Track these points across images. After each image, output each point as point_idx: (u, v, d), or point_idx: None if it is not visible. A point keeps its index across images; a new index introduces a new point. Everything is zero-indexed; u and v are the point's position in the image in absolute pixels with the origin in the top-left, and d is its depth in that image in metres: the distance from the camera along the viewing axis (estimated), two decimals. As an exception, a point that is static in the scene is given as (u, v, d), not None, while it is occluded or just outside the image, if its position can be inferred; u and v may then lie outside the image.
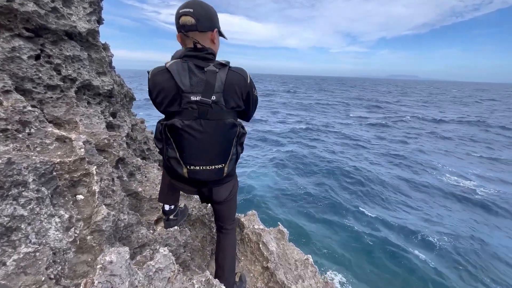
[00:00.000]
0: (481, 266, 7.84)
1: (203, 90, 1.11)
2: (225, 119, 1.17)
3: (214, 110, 1.13)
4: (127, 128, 2.60)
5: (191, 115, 1.12)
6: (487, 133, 25.46)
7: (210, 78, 1.12)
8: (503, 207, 10.98)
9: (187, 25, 1.12)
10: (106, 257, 0.75)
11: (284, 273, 1.84)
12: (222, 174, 1.26)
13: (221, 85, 1.13)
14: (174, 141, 1.18)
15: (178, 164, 1.21)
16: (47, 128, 1.46)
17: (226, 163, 1.25)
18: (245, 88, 1.22)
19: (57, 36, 1.85)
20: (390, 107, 44.05)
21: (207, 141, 1.16)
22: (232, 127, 1.20)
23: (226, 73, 1.15)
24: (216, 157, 1.22)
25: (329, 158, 16.73)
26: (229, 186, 1.42)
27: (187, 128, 1.13)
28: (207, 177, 1.24)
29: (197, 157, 1.19)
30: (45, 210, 1.02)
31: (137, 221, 1.52)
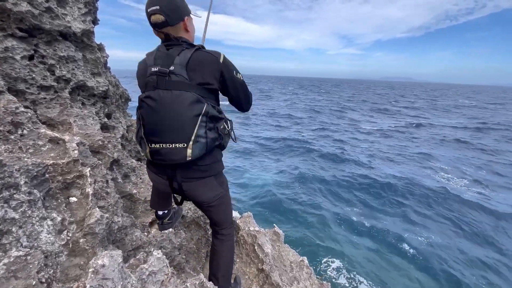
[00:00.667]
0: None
1: (163, 63, 1.14)
2: (185, 92, 1.12)
3: (172, 80, 1.11)
4: (122, 129, 2.58)
5: (151, 86, 1.14)
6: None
7: (172, 52, 1.15)
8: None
9: (158, 23, 1.15)
10: (98, 260, 0.74)
11: (279, 275, 1.84)
12: (185, 156, 1.14)
13: (183, 59, 1.13)
14: (140, 117, 1.18)
15: (144, 143, 1.19)
16: (40, 130, 1.44)
17: (189, 144, 1.13)
18: (217, 66, 1.18)
19: (51, 36, 1.83)
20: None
21: (165, 113, 1.12)
22: (195, 102, 1.12)
23: (193, 51, 1.15)
24: (176, 134, 1.13)
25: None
26: (208, 188, 1.31)
27: (146, 100, 1.14)
28: (165, 157, 1.15)
29: (157, 132, 1.14)
30: (37, 213, 1.01)
31: (131, 223, 1.50)
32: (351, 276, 7.60)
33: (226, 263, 1.52)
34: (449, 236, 9.32)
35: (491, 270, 7.81)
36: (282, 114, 35.21)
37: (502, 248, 8.74)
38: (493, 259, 8.24)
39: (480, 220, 10.47)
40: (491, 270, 7.81)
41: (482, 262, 8.10)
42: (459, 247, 8.74)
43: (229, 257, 1.55)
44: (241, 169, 15.10)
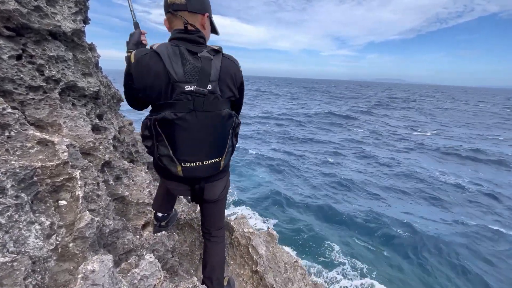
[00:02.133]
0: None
1: (198, 79, 1.01)
2: (221, 110, 1.08)
3: (210, 100, 1.03)
4: (114, 130, 2.54)
5: (186, 107, 1.01)
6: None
7: (206, 65, 1.02)
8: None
9: (176, 3, 1.04)
10: (88, 266, 0.73)
11: (273, 276, 1.84)
12: (218, 168, 1.18)
13: (216, 73, 1.04)
14: (166, 137, 1.05)
15: (171, 162, 1.10)
16: (28, 131, 1.40)
17: (223, 157, 1.16)
18: (239, 77, 1.16)
19: (40, 35, 1.79)
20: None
21: (203, 135, 1.07)
22: (228, 118, 1.12)
23: (221, 60, 1.08)
24: (213, 151, 1.13)
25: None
26: (222, 182, 1.34)
27: (180, 122, 1.02)
28: (204, 174, 1.15)
29: (193, 153, 1.09)
30: (24, 217, 0.98)
31: (123, 226, 1.48)
32: (348, 276, 7.67)
33: (219, 266, 1.52)
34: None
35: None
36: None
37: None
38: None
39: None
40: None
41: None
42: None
43: (222, 259, 1.56)
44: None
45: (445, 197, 12.11)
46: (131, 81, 1.05)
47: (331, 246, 8.81)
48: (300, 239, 9.10)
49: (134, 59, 1.02)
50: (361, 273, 7.73)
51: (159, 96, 1.02)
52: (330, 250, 8.64)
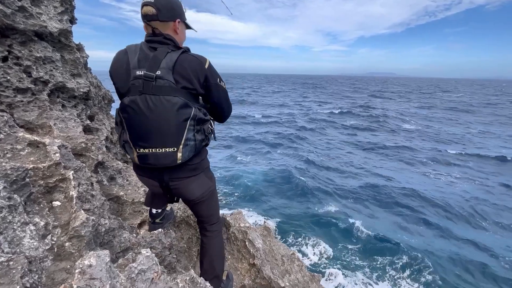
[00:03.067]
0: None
1: (148, 65, 1.10)
2: (172, 96, 1.11)
3: (159, 84, 1.09)
4: (107, 131, 2.53)
5: (136, 90, 1.10)
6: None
7: (159, 55, 1.12)
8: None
9: (148, 15, 1.15)
10: (85, 261, 0.74)
11: (270, 268, 1.88)
12: (175, 160, 1.16)
13: (170, 62, 1.11)
14: (125, 122, 1.15)
15: (130, 148, 1.18)
16: (18, 133, 1.39)
17: (179, 148, 1.15)
18: (201, 71, 1.17)
19: (26, 36, 1.76)
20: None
21: (153, 118, 1.10)
22: (182, 107, 1.12)
23: (179, 54, 1.14)
24: (165, 139, 1.13)
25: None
26: (198, 183, 1.33)
27: (132, 104, 1.11)
28: (156, 162, 1.16)
29: (145, 137, 1.13)
30: (18, 218, 0.98)
31: (119, 225, 1.49)
32: (343, 268, 7.80)
33: (217, 260, 1.54)
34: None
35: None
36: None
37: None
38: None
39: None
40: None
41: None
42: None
43: (220, 253, 1.57)
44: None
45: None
46: (111, 77, 1.20)
47: (328, 239, 8.94)
48: (296, 232, 9.21)
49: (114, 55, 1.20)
50: (355, 267, 7.88)
51: (123, 84, 1.15)
52: (327, 242, 8.77)
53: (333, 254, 8.28)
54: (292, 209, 10.67)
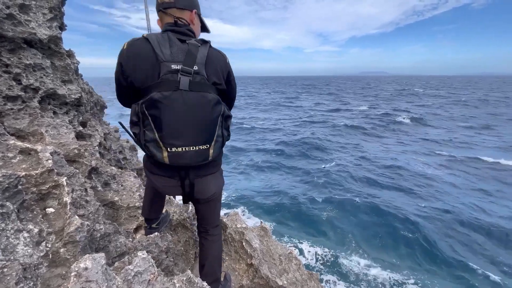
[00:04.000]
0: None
1: (184, 59, 1.04)
2: (207, 93, 1.08)
3: (196, 81, 1.05)
4: (99, 137, 2.51)
5: (172, 85, 1.02)
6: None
7: (192, 49, 1.07)
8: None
9: (165, 1, 1.13)
10: (80, 264, 0.74)
11: (268, 268, 1.88)
12: (207, 157, 1.14)
13: (203, 57, 1.08)
14: (152, 119, 1.04)
15: (157, 147, 1.07)
16: (9, 141, 1.38)
17: (211, 145, 1.13)
18: (226, 67, 1.19)
19: (15, 44, 1.75)
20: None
21: (190, 115, 1.05)
22: (216, 103, 1.11)
23: (208, 48, 1.12)
24: (200, 136, 1.09)
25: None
26: (215, 180, 1.32)
27: (166, 101, 1.01)
28: (190, 161, 1.11)
29: (179, 135, 1.06)
30: (11, 226, 0.97)
31: (114, 230, 1.48)
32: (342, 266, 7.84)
33: (217, 263, 1.52)
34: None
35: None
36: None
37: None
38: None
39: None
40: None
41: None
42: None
43: (219, 256, 1.56)
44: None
45: None
46: (121, 69, 1.08)
47: (326, 238, 8.98)
48: (293, 232, 9.23)
49: (126, 46, 1.06)
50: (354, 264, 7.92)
51: (146, 77, 1.05)
52: (326, 241, 8.80)
53: (331, 257, 8.31)
54: (290, 212, 10.69)
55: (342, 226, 9.66)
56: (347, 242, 8.83)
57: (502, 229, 8.84)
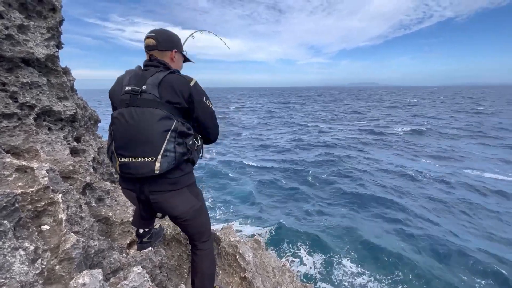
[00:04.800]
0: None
1: (136, 82, 1.24)
2: (155, 108, 1.19)
3: (144, 97, 1.20)
4: (93, 152, 2.53)
5: (124, 103, 1.22)
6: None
7: (147, 73, 1.26)
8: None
9: (149, 45, 1.35)
10: (79, 279, 0.77)
11: (261, 281, 1.90)
12: (153, 170, 1.17)
13: (156, 80, 1.23)
14: (111, 133, 1.26)
15: (113, 156, 1.26)
16: (5, 159, 1.40)
17: (157, 158, 1.17)
18: (186, 88, 1.26)
19: (12, 63, 1.80)
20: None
21: (135, 128, 1.18)
22: (164, 118, 1.18)
23: (167, 73, 1.26)
24: (145, 148, 1.17)
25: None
26: (182, 200, 1.33)
27: (119, 116, 1.22)
28: (135, 171, 1.19)
29: (127, 146, 1.20)
30: (8, 244, 0.99)
31: (108, 246, 1.49)
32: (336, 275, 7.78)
33: (208, 277, 1.54)
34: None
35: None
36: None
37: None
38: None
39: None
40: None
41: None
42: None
43: (211, 271, 1.56)
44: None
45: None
46: (110, 96, 1.34)
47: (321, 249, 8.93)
48: (286, 244, 9.16)
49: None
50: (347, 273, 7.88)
51: (116, 102, 1.30)
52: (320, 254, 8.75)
53: (327, 264, 8.26)
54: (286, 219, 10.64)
55: (339, 235, 9.65)
56: (344, 250, 8.81)
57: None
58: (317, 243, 9.22)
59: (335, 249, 8.91)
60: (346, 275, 7.81)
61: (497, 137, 24.49)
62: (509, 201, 11.81)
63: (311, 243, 9.23)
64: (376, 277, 7.68)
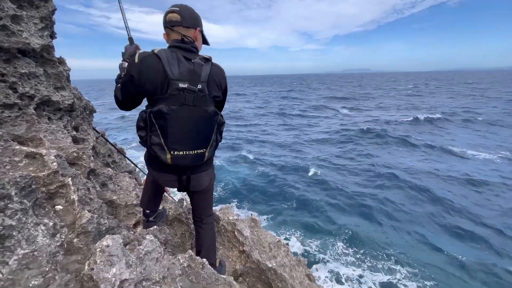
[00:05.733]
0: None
1: (190, 79, 1.21)
2: (208, 107, 1.28)
3: (199, 97, 1.24)
4: (92, 141, 2.60)
5: (178, 101, 1.20)
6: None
7: (197, 68, 1.24)
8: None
9: (173, 20, 1.28)
10: (103, 242, 0.89)
11: (259, 253, 2.08)
12: (203, 159, 1.34)
13: (206, 75, 1.26)
14: (159, 127, 1.22)
15: (161, 150, 1.25)
16: (14, 146, 1.48)
17: (207, 148, 1.33)
18: (224, 81, 1.39)
19: (10, 54, 1.83)
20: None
21: (191, 127, 1.25)
22: (214, 115, 1.31)
23: (210, 66, 1.30)
24: (198, 143, 1.29)
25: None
26: (208, 174, 1.51)
27: (173, 113, 1.20)
28: (189, 162, 1.30)
29: (181, 142, 1.25)
30: (30, 220, 1.10)
31: (117, 224, 1.62)
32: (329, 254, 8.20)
33: (212, 249, 1.71)
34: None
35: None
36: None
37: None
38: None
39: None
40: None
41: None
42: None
43: (213, 244, 1.74)
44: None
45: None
46: (131, 79, 1.22)
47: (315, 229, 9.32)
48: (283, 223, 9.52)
49: (138, 59, 1.21)
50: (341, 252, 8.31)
51: (155, 91, 1.20)
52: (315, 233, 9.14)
53: (319, 247, 8.65)
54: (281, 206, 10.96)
55: (333, 218, 10.05)
56: (337, 234, 9.21)
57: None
58: (311, 228, 9.59)
59: (331, 232, 9.30)
60: (338, 256, 8.23)
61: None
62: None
63: (305, 227, 9.60)
64: (368, 256, 8.13)
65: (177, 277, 1.04)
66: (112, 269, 0.84)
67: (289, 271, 2.22)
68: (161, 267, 1.03)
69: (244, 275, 1.99)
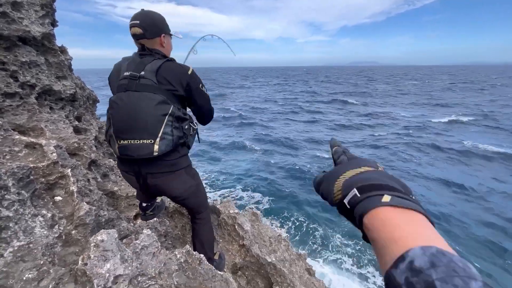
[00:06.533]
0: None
1: (135, 68, 1.27)
2: (155, 94, 1.23)
3: (142, 82, 1.24)
4: (95, 131, 2.60)
5: (122, 88, 1.27)
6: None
7: (145, 60, 1.29)
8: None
9: (136, 34, 1.31)
10: (97, 236, 0.88)
11: (259, 247, 2.07)
12: (152, 152, 1.22)
13: (154, 67, 1.26)
14: (109, 117, 1.29)
15: (112, 139, 1.28)
16: (14, 136, 1.47)
17: (156, 140, 1.22)
18: (184, 77, 1.31)
19: (10, 42, 1.80)
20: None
21: (134, 112, 1.22)
22: (162, 103, 1.24)
23: (164, 61, 1.29)
24: (144, 131, 1.22)
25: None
26: (179, 181, 1.40)
27: (117, 100, 1.25)
28: (135, 152, 1.22)
29: (126, 129, 1.23)
30: (28, 211, 1.10)
31: (117, 216, 1.62)
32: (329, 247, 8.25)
33: (207, 243, 1.70)
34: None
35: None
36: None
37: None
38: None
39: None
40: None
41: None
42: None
43: (209, 237, 1.73)
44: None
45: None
46: (108, 83, 1.40)
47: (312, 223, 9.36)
48: (285, 217, 9.58)
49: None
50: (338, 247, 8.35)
51: (114, 88, 1.35)
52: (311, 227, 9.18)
53: (321, 236, 8.70)
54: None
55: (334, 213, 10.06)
56: (338, 226, 9.24)
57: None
58: (312, 220, 9.63)
59: (332, 225, 9.34)
60: (339, 247, 8.27)
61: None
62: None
63: (306, 220, 9.64)
64: (369, 248, 8.14)
65: (173, 273, 1.03)
66: (106, 265, 0.83)
67: (289, 266, 2.22)
68: (157, 262, 1.02)
69: (243, 269, 1.99)
